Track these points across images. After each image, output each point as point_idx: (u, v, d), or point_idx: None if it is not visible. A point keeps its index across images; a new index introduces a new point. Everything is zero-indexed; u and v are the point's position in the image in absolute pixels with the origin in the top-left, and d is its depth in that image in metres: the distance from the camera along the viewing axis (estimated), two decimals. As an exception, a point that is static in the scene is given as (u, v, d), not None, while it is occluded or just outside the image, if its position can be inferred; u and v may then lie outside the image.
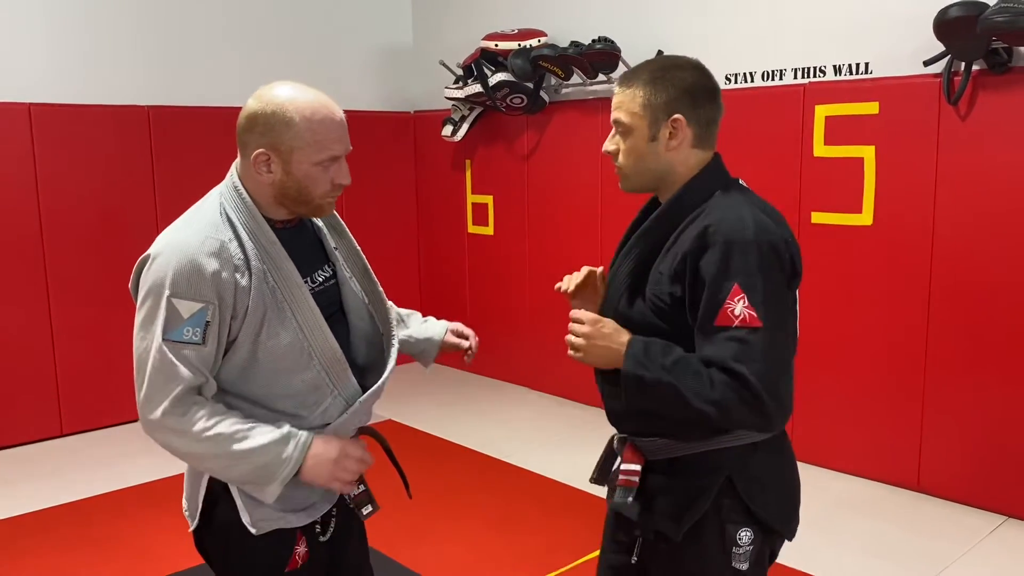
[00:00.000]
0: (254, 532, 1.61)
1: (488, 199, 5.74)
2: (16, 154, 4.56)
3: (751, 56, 4.28)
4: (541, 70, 4.95)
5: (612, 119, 1.68)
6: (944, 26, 3.40)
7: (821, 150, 3.96)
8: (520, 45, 5.03)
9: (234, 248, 1.56)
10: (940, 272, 3.68)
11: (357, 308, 1.78)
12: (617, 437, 1.81)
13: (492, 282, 5.80)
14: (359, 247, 1.85)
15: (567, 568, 3.22)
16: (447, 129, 5.66)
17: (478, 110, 5.59)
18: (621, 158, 1.68)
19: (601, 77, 4.79)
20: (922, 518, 3.62)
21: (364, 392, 1.71)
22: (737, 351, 1.48)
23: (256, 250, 1.58)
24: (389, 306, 1.86)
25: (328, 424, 1.67)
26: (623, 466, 1.70)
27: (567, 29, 5.04)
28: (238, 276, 1.55)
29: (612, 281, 1.72)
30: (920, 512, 3.68)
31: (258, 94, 1.59)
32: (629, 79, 1.67)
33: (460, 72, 5.41)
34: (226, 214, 1.59)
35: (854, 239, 3.91)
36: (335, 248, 1.79)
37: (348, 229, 1.85)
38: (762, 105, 4.15)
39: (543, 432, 4.82)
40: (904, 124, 3.70)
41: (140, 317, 1.57)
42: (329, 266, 1.76)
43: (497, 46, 5.13)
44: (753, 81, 4.28)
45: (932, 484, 3.81)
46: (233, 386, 1.61)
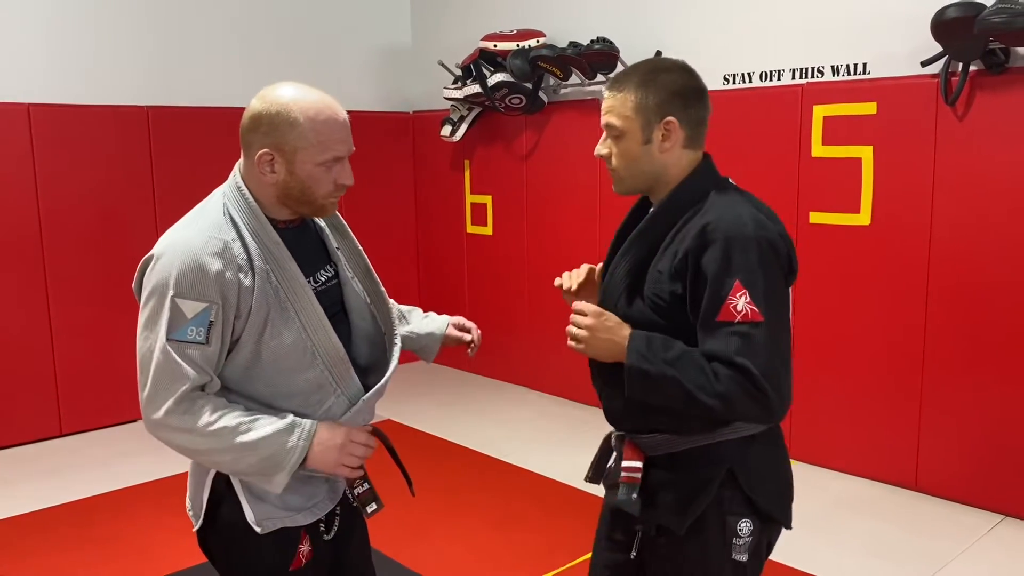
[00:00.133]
0: (259, 531, 1.62)
1: (487, 199, 5.75)
2: (15, 154, 4.56)
3: (749, 56, 4.29)
4: (540, 70, 4.95)
5: (603, 123, 1.70)
6: (941, 27, 3.41)
7: (819, 150, 3.97)
8: (519, 45, 5.04)
9: (237, 248, 1.57)
10: (938, 272, 3.69)
11: (359, 308, 1.79)
12: (615, 435, 1.82)
13: (491, 282, 5.80)
14: (361, 247, 1.85)
15: (566, 567, 3.23)
16: (446, 129, 5.66)
17: (477, 110, 5.60)
18: (615, 161, 1.70)
19: (600, 77, 4.80)
20: (920, 517, 3.63)
21: (367, 391, 1.72)
22: (740, 346, 1.52)
23: (259, 250, 1.59)
24: (391, 305, 1.87)
25: None
26: (625, 463, 1.71)
27: (566, 29, 5.05)
28: (241, 276, 1.56)
29: (609, 281, 1.74)
30: (918, 511, 3.69)
31: (262, 94, 1.60)
32: (619, 83, 1.68)
33: (459, 72, 5.41)
34: (229, 214, 1.60)
35: (852, 239, 3.92)
36: (337, 248, 1.80)
37: (350, 229, 1.85)
38: (760, 105, 4.16)
39: (543, 432, 4.83)
40: (902, 124, 3.72)
41: (144, 317, 1.57)
42: (331, 266, 1.77)
43: (496, 46, 5.14)
44: (751, 81, 4.29)
45: (930, 483, 3.82)
46: (237, 385, 1.62)
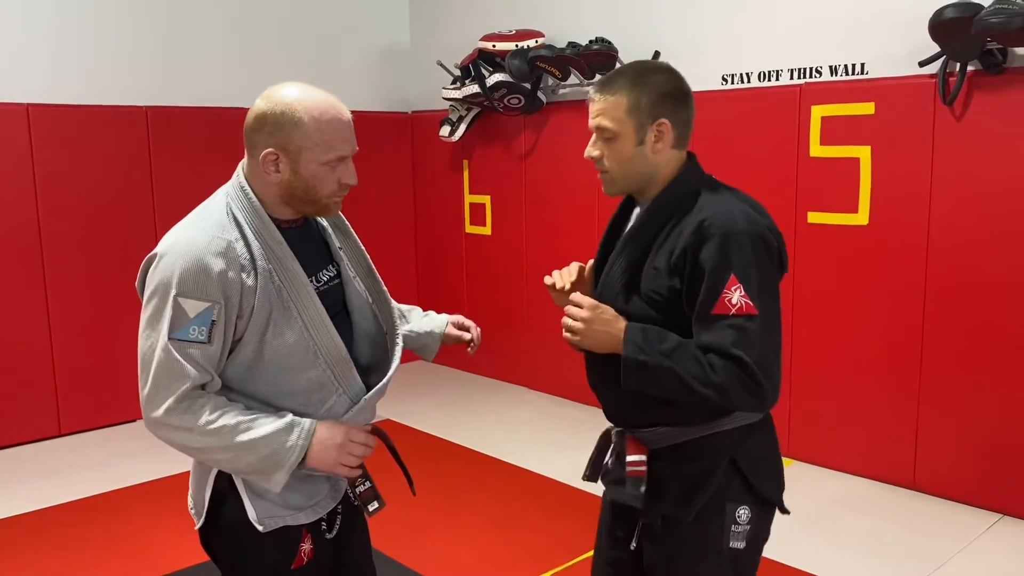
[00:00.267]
0: (261, 530, 1.62)
1: (486, 199, 5.75)
2: (15, 154, 4.56)
3: (747, 56, 4.29)
4: (538, 71, 4.96)
5: (594, 125, 1.70)
6: (939, 27, 3.42)
7: (817, 150, 3.98)
8: (517, 46, 5.04)
9: (240, 248, 1.57)
10: (936, 271, 3.70)
11: (361, 307, 1.79)
12: (615, 431, 1.84)
13: (490, 282, 5.81)
14: (363, 247, 1.86)
15: (566, 566, 3.23)
16: (445, 129, 5.67)
17: (475, 110, 5.60)
18: (607, 163, 1.71)
19: (598, 77, 4.80)
20: (918, 516, 3.64)
21: (369, 391, 1.73)
22: (735, 338, 1.56)
23: (262, 250, 1.60)
24: (392, 305, 1.87)
25: None
26: (629, 458, 1.73)
27: (564, 30, 5.05)
28: (244, 276, 1.56)
29: (606, 280, 1.75)
30: (916, 510, 3.70)
31: (266, 94, 1.60)
32: (609, 86, 1.69)
33: (458, 72, 5.42)
34: (232, 214, 1.61)
35: (850, 239, 3.93)
36: (340, 248, 1.80)
37: (352, 229, 1.86)
38: (758, 105, 4.17)
39: (542, 432, 4.83)
40: (900, 124, 3.73)
41: (146, 315, 1.58)
42: (334, 266, 1.77)
43: (494, 47, 5.14)
44: (749, 81, 4.30)
45: (928, 482, 3.83)
46: (239, 384, 1.63)
